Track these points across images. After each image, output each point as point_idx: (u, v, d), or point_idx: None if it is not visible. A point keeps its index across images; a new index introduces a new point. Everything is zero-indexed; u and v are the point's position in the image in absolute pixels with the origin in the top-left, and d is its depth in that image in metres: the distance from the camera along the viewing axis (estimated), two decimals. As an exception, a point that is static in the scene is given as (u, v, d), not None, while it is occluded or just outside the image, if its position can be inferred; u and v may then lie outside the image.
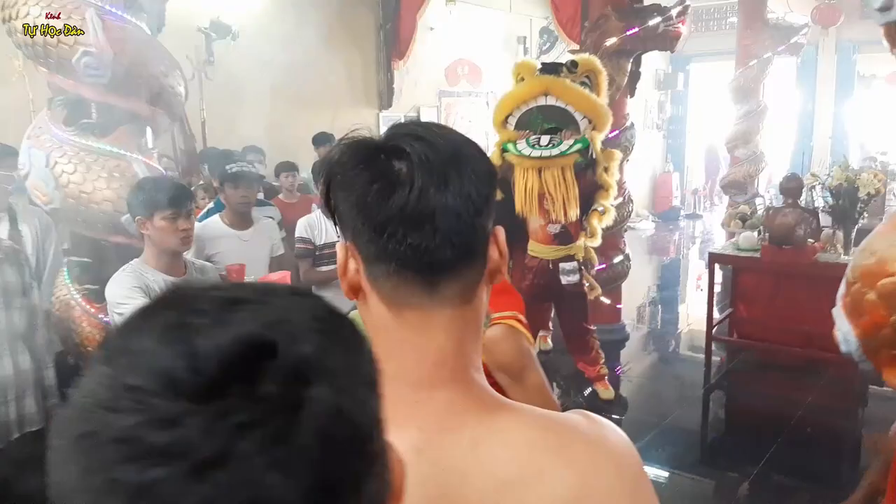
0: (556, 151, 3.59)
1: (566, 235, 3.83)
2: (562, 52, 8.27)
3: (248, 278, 3.44)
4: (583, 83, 3.82)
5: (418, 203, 0.65)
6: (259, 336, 0.38)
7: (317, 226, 3.73)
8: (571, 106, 3.69)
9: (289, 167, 4.96)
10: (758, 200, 6.98)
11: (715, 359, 4.87)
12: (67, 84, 2.62)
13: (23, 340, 2.63)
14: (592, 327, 4.32)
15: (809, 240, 4.31)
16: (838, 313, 1.64)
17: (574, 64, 3.84)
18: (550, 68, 3.83)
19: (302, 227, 3.71)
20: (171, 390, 0.35)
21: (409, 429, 0.67)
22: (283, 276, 3.19)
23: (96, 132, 2.66)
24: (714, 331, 4.80)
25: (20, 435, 2.38)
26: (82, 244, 2.74)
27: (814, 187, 4.48)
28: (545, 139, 3.63)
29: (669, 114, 12.27)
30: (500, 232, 0.75)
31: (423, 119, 8.35)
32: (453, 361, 0.72)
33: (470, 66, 8.61)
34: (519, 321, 1.69)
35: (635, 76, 5.22)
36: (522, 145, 3.67)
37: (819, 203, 4.55)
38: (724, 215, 7.46)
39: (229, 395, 0.35)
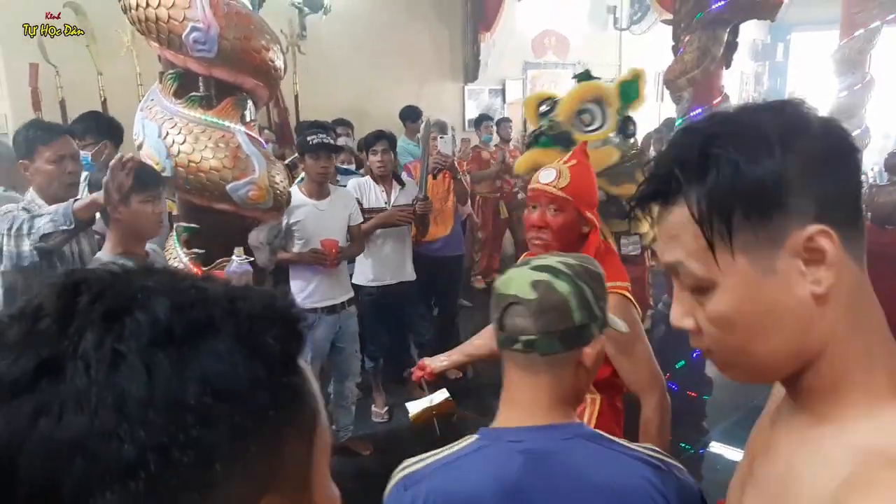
0: None
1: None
2: (654, 23, 8.03)
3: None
4: None
5: None
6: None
7: (366, 188, 3.97)
8: None
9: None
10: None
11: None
12: (177, 59, 2.75)
13: None
14: None
15: (916, 221, 4.08)
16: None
17: None
18: None
19: (351, 188, 3.95)
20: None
21: None
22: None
23: (203, 104, 2.79)
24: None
25: None
26: (190, 211, 2.90)
27: (924, 165, 4.23)
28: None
29: (767, 86, 11.73)
30: None
31: (508, 91, 8.31)
32: None
33: (557, 36, 8.48)
34: (628, 290, 1.68)
35: (732, 46, 5.01)
36: None
37: (929, 182, 4.28)
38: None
39: None
